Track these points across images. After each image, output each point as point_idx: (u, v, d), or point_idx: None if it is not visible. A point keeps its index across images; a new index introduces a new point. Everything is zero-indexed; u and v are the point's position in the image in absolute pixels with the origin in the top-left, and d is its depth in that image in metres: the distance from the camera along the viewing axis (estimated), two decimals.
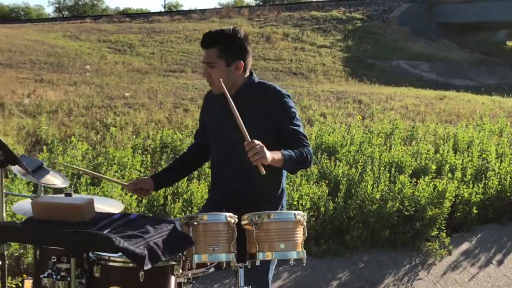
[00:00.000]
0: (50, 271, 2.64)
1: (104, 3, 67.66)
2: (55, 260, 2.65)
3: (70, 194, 3.46)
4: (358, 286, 5.70)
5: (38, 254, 2.77)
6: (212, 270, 2.98)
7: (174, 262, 2.71)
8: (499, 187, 7.41)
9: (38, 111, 9.13)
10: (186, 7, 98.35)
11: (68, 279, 2.60)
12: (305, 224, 2.81)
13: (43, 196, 2.93)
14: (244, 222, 2.77)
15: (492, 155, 8.05)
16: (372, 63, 21.59)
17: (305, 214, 2.83)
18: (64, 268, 2.61)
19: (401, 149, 8.00)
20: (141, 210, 5.67)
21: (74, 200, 2.67)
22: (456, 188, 6.95)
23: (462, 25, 30.02)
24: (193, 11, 34.55)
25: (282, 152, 2.99)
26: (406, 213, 6.55)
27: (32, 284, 2.94)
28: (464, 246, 6.71)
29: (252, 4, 58.77)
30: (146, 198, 5.79)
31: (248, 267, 2.79)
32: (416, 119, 11.06)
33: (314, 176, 6.80)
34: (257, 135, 2.94)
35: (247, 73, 3.26)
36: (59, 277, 2.60)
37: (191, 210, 5.68)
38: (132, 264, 2.51)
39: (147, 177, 3.55)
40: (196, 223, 2.66)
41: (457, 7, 29.43)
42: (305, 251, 2.82)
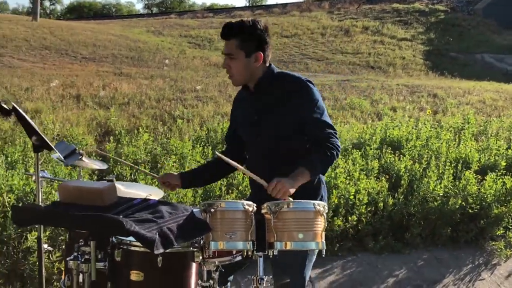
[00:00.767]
0: (76, 253, 2.72)
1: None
2: (82, 243, 2.74)
3: (112, 180, 3.57)
4: (415, 285, 5.54)
5: (68, 237, 2.86)
6: (238, 258, 2.98)
7: (194, 249, 2.73)
8: None
9: (112, 102, 9.43)
10: (269, 1, 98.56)
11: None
12: (325, 214, 2.75)
13: (69, 180, 3.03)
14: (264, 210, 2.75)
15: None
16: (454, 57, 20.88)
17: (325, 205, 2.77)
18: (88, 251, 2.68)
19: (471, 144, 7.71)
20: (197, 200, 5.76)
21: (96, 184, 2.73)
22: None
23: None
24: (274, 5, 34.59)
25: (306, 167, 3.01)
26: (470, 210, 6.31)
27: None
28: None
29: None
30: (202, 189, 5.87)
31: (269, 256, 2.77)
32: (492, 114, 10.62)
33: (375, 171, 6.67)
34: (279, 127, 3.03)
35: (268, 64, 3.22)
36: (83, 259, 2.68)
37: None
38: None
39: (177, 172, 3.56)
40: (213, 210, 2.66)
41: None
42: (324, 242, 2.74)
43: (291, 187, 2.92)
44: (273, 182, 2.90)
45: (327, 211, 2.78)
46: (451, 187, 6.43)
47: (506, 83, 16.06)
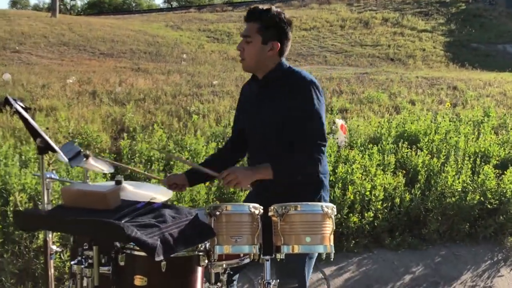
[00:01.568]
0: (79, 258, 2.69)
1: None
2: (86, 247, 2.70)
3: (120, 181, 3.54)
4: (432, 281, 5.45)
5: (72, 240, 2.83)
6: (246, 261, 2.94)
7: (200, 253, 2.68)
8: None
9: (128, 99, 9.41)
10: None
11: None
12: (333, 217, 2.68)
13: (74, 183, 3.00)
14: (271, 213, 2.70)
15: None
16: (475, 48, 20.57)
17: (334, 206, 2.70)
18: (92, 255, 2.64)
19: (490, 138, 7.56)
20: (210, 197, 5.72)
21: (100, 187, 2.69)
22: None
23: None
24: None
25: (272, 166, 2.99)
26: (489, 206, 6.20)
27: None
28: None
29: None
30: (215, 186, 5.84)
31: (277, 259, 2.71)
32: None
33: (391, 166, 6.57)
34: (278, 123, 3.03)
35: (282, 59, 3.15)
36: (87, 264, 2.64)
37: None
38: None
39: (181, 173, 3.52)
40: (218, 213, 2.61)
41: None
42: (333, 245, 2.67)
43: (245, 178, 2.93)
44: (223, 172, 2.93)
45: (335, 213, 2.70)
46: (470, 182, 6.31)
47: None
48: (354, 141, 7.27)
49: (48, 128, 6.75)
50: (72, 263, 2.69)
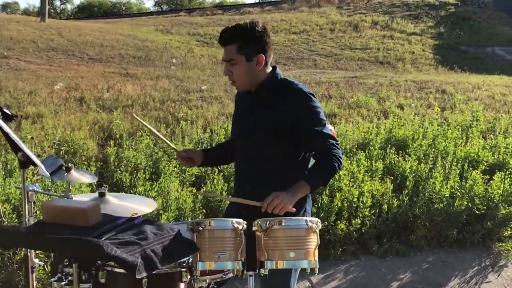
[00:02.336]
0: (59, 274, 2.65)
1: None
2: (66, 263, 2.66)
3: (103, 193, 3.50)
4: None
5: (52, 257, 2.79)
6: (230, 275, 2.90)
7: (182, 269, 2.65)
8: None
9: (115, 105, 9.36)
10: None
11: None
12: (318, 231, 2.66)
13: (55, 199, 2.96)
14: (255, 228, 2.67)
15: None
16: (464, 50, 20.62)
17: (318, 221, 2.68)
18: (72, 272, 2.60)
19: (478, 142, 7.57)
20: (197, 206, 5.68)
21: (80, 204, 2.65)
22: None
23: None
24: (283, 1, 34.37)
25: (305, 179, 2.99)
26: (477, 211, 6.20)
27: None
28: None
29: None
30: (201, 195, 5.80)
31: (261, 275, 2.69)
32: (501, 109, 10.44)
33: (379, 172, 6.56)
34: (270, 137, 3.02)
35: (269, 67, 3.13)
36: (67, 281, 2.61)
37: None
38: None
39: (199, 150, 3.49)
40: (201, 229, 2.58)
41: None
42: (317, 260, 2.64)
43: (290, 202, 2.87)
44: (269, 198, 2.83)
45: (320, 227, 2.68)
46: (458, 188, 6.32)
47: None
48: (343, 146, 7.25)
49: (33, 137, 6.69)
50: (52, 280, 2.65)
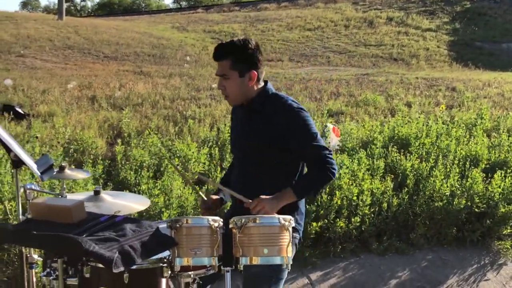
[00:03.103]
0: (48, 269, 2.80)
1: None
2: (56, 259, 2.81)
3: (98, 191, 3.65)
4: (418, 286, 5.51)
5: (43, 253, 2.94)
6: (212, 271, 3.03)
7: (163, 264, 2.79)
8: None
9: (126, 103, 9.53)
10: None
11: (64, 277, 2.76)
12: (290, 229, 2.77)
13: (41, 198, 3.11)
14: (231, 225, 2.79)
15: None
16: (479, 47, 20.51)
17: (291, 218, 2.79)
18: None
19: (482, 141, 7.59)
20: (198, 204, 5.79)
21: (65, 202, 2.80)
22: None
23: None
24: None
25: (292, 187, 3.13)
26: (477, 210, 6.25)
27: None
28: None
29: None
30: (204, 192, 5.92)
31: (239, 270, 2.81)
32: (509, 107, 10.42)
33: (380, 171, 6.63)
34: (262, 147, 3.16)
35: (261, 83, 3.26)
36: (54, 276, 2.76)
37: None
38: None
39: (216, 197, 3.56)
40: (179, 226, 2.71)
41: None
42: (290, 257, 2.76)
43: (271, 207, 3.02)
44: (254, 201, 3.01)
45: (293, 225, 2.79)
46: (458, 186, 6.36)
47: None
48: (346, 145, 7.34)
49: (38, 137, 6.87)
50: (41, 275, 2.80)
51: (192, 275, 2.97)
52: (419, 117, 8.53)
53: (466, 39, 21.05)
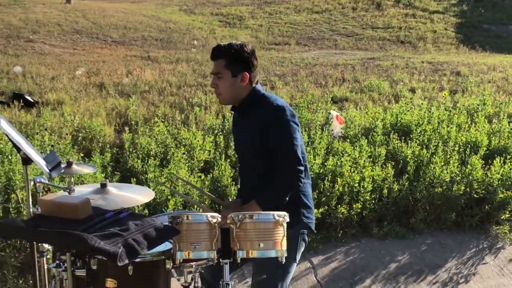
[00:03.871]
0: (58, 261, 2.99)
1: None
2: (64, 252, 3.00)
3: (105, 184, 3.81)
4: (417, 269, 5.67)
5: (52, 246, 3.12)
6: (211, 263, 3.20)
7: (165, 257, 2.97)
8: None
9: (134, 90, 9.68)
10: None
11: (72, 269, 2.94)
12: (284, 224, 2.94)
13: (50, 194, 3.27)
14: (229, 221, 2.96)
15: None
16: (487, 29, 20.43)
17: (286, 214, 2.95)
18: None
19: (482, 127, 7.70)
20: (204, 196, 5.96)
21: (72, 199, 2.97)
22: None
23: None
24: None
25: (257, 201, 3.27)
26: (476, 195, 6.39)
27: None
28: None
29: None
30: (209, 181, 6.10)
31: (236, 263, 2.98)
32: None
33: (382, 158, 6.77)
34: (251, 149, 3.35)
35: (256, 86, 3.41)
36: (64, 267, 2.94)
37: None
38: None
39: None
40: (179, 222, 2.88)
41: None
42: (284, 250, 2.93)
43: None
44: (227, 212, 3.17)
45: (287, 220, 2.96)
46: (458, 172, 6.50)
47: None
48: (348, 132, 7.47)
49: (47, 129, 7.04)
50: (50, 266, 2.99)
51: (194, 265, 3.16)
52: (422, 104, 8.62)
53: (474, 21, 20.96)
